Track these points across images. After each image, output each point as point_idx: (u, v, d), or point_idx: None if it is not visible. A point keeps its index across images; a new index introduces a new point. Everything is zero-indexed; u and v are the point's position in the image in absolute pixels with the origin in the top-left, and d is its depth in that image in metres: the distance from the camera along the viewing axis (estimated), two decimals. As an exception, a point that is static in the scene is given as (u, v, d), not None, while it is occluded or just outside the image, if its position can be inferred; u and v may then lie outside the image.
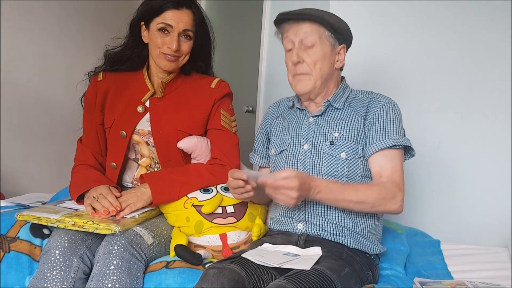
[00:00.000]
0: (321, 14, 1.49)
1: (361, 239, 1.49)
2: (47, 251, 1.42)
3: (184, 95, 1.74)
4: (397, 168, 1.48)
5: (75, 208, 1.54)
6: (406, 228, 1.97)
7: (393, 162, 1.48)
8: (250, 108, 2.78)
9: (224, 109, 1.75)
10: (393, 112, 1.51)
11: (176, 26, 1.63)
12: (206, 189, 1.63)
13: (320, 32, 1.49)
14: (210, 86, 1.75)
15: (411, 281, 1.52)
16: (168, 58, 1.66)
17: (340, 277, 1.30)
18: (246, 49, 2.89)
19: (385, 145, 1.47)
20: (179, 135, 1.70)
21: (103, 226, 1.40)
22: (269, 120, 1.72)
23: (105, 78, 1.76)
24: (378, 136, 1.49)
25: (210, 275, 1.25)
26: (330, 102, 1.56)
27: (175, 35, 1.63)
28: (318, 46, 1.49)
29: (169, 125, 1.70)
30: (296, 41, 1.51)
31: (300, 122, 1.60)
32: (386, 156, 1.48)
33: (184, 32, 1.65)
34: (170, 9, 1.63)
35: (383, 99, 1.54)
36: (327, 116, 1.57)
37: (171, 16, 1.62)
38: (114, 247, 1.39)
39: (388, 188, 1.43)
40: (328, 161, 1.50)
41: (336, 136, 1.52)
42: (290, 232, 1.52)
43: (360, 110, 1.54)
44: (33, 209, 1.51)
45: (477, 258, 1.85)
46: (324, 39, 1.50)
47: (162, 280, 1.42)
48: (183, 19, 1.63)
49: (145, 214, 1.57)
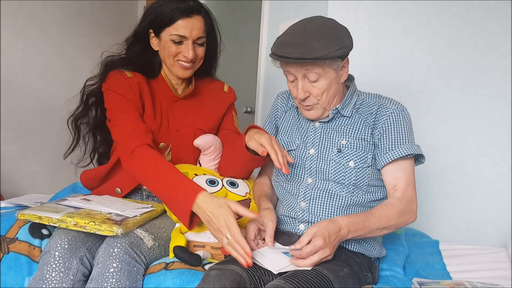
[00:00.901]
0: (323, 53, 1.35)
1: (362, 242, 1.50)
2: (47, 252, 1.41)
3: (199, 96, 1.78)
4: (410, 178, 1.48)
5: (77, 206, 1.53)
6: (405, 228, 1.97)
7: (407, 173, 1.47)
8: (249, 109, 2.78)
9: (234, 112, 1.83)
10: (403, 119, 1.48)
11: (190, 35, 1.61)
12: (212, 181, 1.63)
13: (323, 66, 1.40)
14: (223, 90, 1.82)
15: (410, 282, 1.53)
16: (184, 66, 1.66)
17: (338, 277, 1.30)
18: (245, 50, 2.89)
19: (397, 156, 1.45)
20: (197, 133, 1.73)
21: (105, 227, 1.39)
22: (278, 113, 1.69)
23: (135, 76, 1.68)
24: (390, 146, 1.46)
25: (212, 276, 1.25)
26: (338, 109, 1.52)
27: (189, 43, 1.62)
28: (323, 78, 1.42)
29: (188, 124, 1.73)
30: (299, 76, 1.44)
31: (306, 125, 1.58)
32: (399, 167, 1.47)
33: (198, 39, 1.64)
34: (181, 18, 1.60)
35: (392, 105, 1.49)
36: (335, 123, 1.54)
37: (183, 25, 1.60)
38: (115, 250, 1.39)
39: (404, 204, 1.43)
40: (336, 168, 1.48)
41: (344, 144, 1.49)
42: (292, 232, 1.52)
43: (368, 118, 1.50)
44: (34, 208, 1.49)
45: (476, 258, 1.85)
46: (327, 68, 1.41)
47: (161, 281, 1.41)
48: (195, 26, 1.61)
49: (147, 215, 1.56)
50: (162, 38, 1.65)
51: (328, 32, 1.39)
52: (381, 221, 1.39)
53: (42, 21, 3.02)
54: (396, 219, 1.41)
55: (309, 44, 1.36)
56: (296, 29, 1.42)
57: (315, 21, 1.43)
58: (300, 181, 1.53)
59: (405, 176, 1.47)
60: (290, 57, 1.37)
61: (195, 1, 1.64)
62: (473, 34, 2.11)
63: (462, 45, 2.12)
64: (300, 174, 1.54)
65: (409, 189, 1.46)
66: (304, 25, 1.42)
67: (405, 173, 1.47)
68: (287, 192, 1.57)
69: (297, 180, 1.54)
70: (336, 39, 1.39)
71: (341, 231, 1.33)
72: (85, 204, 1.55)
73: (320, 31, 1.39)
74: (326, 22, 1.43)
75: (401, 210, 1.42)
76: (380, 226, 1.39)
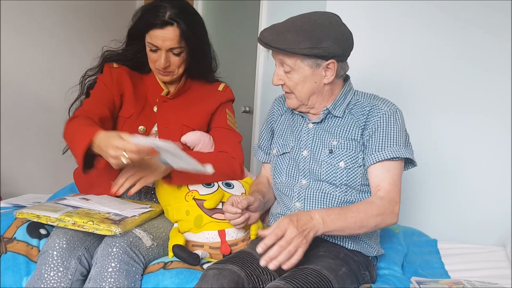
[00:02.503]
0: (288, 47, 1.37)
1: (360, 242, 1.50)
2: (45, 251, 1.41)
3: (192, 95, 1.80)
4: (395, 180, 1.44)
5: (76, 205, 1.53)
6: (403, 227, 1.98)
7: (391, 173, 1.44)
8: (247, 109, 2.78)
9: (229, 110, 1.82)
10: (394, 121, 1.45)
11: (162, 45, 1.63)
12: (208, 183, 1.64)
13: (294, 60, 1.41)
14: (217, 89, 1.82)
15: (409, 281, 1.53)
16: (160, 73, 1.71)
17: (337, 276, 1.30)
18: (243, 49, 2.89)
19: (383, 157, 1.43)
20: (183, 130, 1.74)
21: (104, 226, 1.39)
22: (274, 117, 1.70)
23: (120, 67, 1.76)
24: (377, 147, 1.44)
25: (210, 276, 1.25)
26: (329, 110, 1.51)
27: (162, 53, 1.65)
28: (295, 72, 1.44)
29: (174, 121, 1.74)
30: (277, 63, 1.48)
31: (300, 127, 1.58)
32: (384, 168, 1.44)
33: (170, 50, 1.65)
34: (154, 28, 1.62)
35: (384, 107, 1.47)
36: (326, 124, 1.53)
37: (157, 36, 1.62)
38: (113, 249, 1.39)
39: (386, 204, 1.39)
40: (327, 169, 1.48)
41: (335, 145, 1.49)
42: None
43: (360, 118, 1.49)
44: (32, 207, 1.49)
45: (474, 257, 1.85)
46: (300, 63, 1.42)
47: (159, 281, 1.42)
48: (168, 37, 1.62)
49: (145, 215, 1.57)
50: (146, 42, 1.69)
51: (311, 29, 1.38)
52: (359, 217, 1.34)
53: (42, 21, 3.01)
54: (375, 217, 1.36)
55: (283, 34, 1.39)
56: (289, 19, 1.45)
57: (312, 17, 1.42)
58: (294, 183, 1.54)
59: (389, 176, 1.43)
60: (261, 40, 1.43)
61: (172, 10, 1.62)
62: (473, 34, 2.11)
63: (462, 45, 2.12)
64: (294, 176, 1.54)
65: (393, 190, 1.42)
66: (300, 17, 1.43)
67: (389, 173, 1.44)
68: (283, 194, 1.57)
69: (292, 182, 1.54)
70: (314, 38, 1.37)
71: (313, 220, 1.27)
72: (84, 203, 1.54)
73: (305, 26, 1.39)
74: (322, 19, 1.41)
75: (381, 209, 1.37)
76: (357, 221, 1.33)
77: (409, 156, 1.46)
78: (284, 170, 1.56)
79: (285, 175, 1.56)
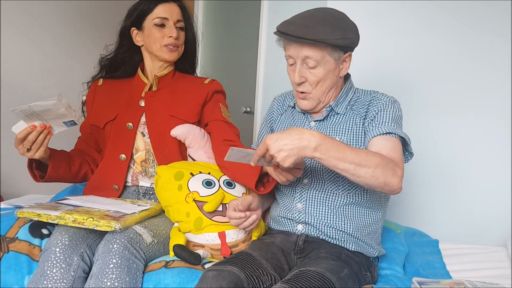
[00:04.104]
0: (324, 37, 1.37)
1: (361, 243, 1.49)
2: (48, 248, 1.42)
3: (178, 88, 1.82)
4: (396, 148, 1.41)
5: (76, 205, 1.54)
6: (405, 228, 1.97)
7: (393, 143, 1.42)
8: (248, 109, 2.78)
9: (222, 104, 1.83)
10: (393, 108, 1.48)
11: (171, 17, 1.74)
12: (208, 183, 1.63)
13: (322, 53, 1.40)
14: (203, 82, 1.84)
15: (410, 281, 1.52)
16: (170, 49, 1.75)
17: (339, 278, 1.30)
18: (244, 50, 2.89)
19: (382, 131, 1.42)
20: (172, 121, 1.74)
21: (103, 223, 1.40)
22: (274, 116, 1.69)
23: (105, 83, 1.86)
24: (377, 125, 1.44)
25: (209, 277, 1.25)
26: (332, 107, 1.52)
27: (172, 24, 1.74)
28: (322, 66, 1.42)
29: (162, 113, 1.75)
30: (298, 60, 1.44)
31: (302, 125, 1.57)
32: (385, 139, 1.42)
33: (178, 22, 1.75)
34: (160, 3, 1.74)
35: (384, 97, 1.50)
36: (329, 121, 1.53)
37: (163, 9, 1.74)
38: (114, 246, 1.39)
39: (389, 160, 1.35)
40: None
41: None
42: (290, 232, 1.52)
43: (361, 111, 1.50)
44: (33, 206, 1.51)
45: (476, 258, 1.85)
46: (328, 57, 1.42)
47: (161, 279, 1.42)
48: (174, 10, 1.76)
49: (145, 212, 1.57)
50: (145, 28, 1.75)
51: (335, 21, 1.41)
52: (359, 156, 1.27)
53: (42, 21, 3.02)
54: (375, 164, 1.28)
55: (313, 27, 1.37)
56: (305, 13, 1.44)
57: (327, 10, 1.45)
58: (295, 182, 1.53)
59: (390, 145, 1.40)
60: (291, 35, 1.38)
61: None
62: (473, 33, 2.11)
63: (461, 44, 2.12)
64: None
65: (395, 155, 1.38)
66: (315, 11, 1.44)
67: (390, 143, 1.41)
68: (284, 194, 1.57)
69: (293, 181, 1.52)
70: (341, 29, 1.40)
71: (303, 141, 1.23)
72: (84, 202, 1.56)
73: (329, 18, 1.40)
74: (336, 12, 1.45)
75: (384, 161, 1.31)
76: (355, 160, 1.26)
77: (404, 136, 1.45)
78: None
79: None
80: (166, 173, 1.64)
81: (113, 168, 1.76)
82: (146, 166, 1.76)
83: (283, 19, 1.46)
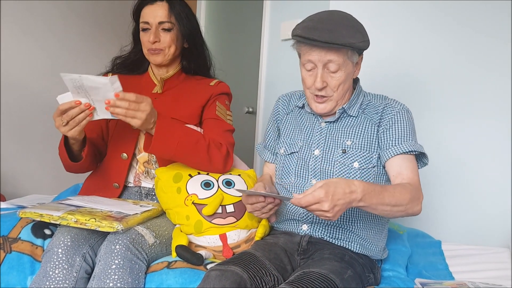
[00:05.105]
0: (350, 41, 1.37)
1: (366, 244, 1.49)
2: (50, 249, 1.42)
3: (183, 89, 1.80)
4: (415, 170, 1.44)
5: (78, 206, 1.54)
6: (408, 229, 1.97)
7: (412, 164, 1.45)
8: (251, 109, 2.78)
9: (220, 103, 1.80)
10: (407, 119, 1.48)
11: (153, 20, 1.71)
12: (207, 184, 1.62)
13: (344, 56, 1.41)
14: (209, 84, 1.81)
15: (412, 282, 1.52)
16: (151, 52, 1.73)
17: (343, 280, 1.30)
18: (247, 50, 2.89)
19: (402, 150, 1.43)
20: None
21: (106, 223, 1.40)
22: (280, 116, 1.68)
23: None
24: (395, 141, 1.45)
25: (212, 277, 1.25)
26: (345, 109, 1.51)
27: (153, 29, 1.71)
28: (342, 70, 1.42)
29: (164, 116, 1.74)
30: (319, 65, 1.42)
31: (312, 126, 1.56)
32: (404, 159, 1.44)
33: (160, 24, 1.71)
34: (145, 6, 1.72)
35: (397, 105, 1.50)
36: (341, 123, 1.52)
37: (147, 13, 1.72)
38: (116, 247, 1.39)
39: (415, 190, 1.38)
40: (340, 170, 1.47)
41: (349, 145, 1.48)
42: (294, 232, 1.52)
43: (374, 117, 1.50)
44: (35, 206, 1.51)
45: (478, 259, 1.85)
46: (347, 60, 1.42)
47: (163, 280, 1.42)
48: (158, 12, 1.71)
49: (147, 213, 1.57)
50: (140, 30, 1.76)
51: (353, 23, 1.42)
52: (394, 198, 1.31)
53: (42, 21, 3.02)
54: (407, 200, 1.33)
55: (337, 30, 1.37)
56: (322, 17, 1.43)
57: (340, 13, 1.45)
58: (304, 183, 1.52)
59: (410, 166, 1.44)
60: (319, 40, 1.36)
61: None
62: (474, 34, 2.11)
63: (466, 46, 2.12)
64: (303, 176, 1.53)
65: (415, 178, 1.42)
66: (329, 14, 1.44)
67: (410, 164, 1.44)
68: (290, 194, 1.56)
69: (301, 182, 1.53)
70: (359, 31, 1.42)
71: (353, 194, 1.23)
72: (86, 203, 1.56)
73: (347, 21, 1.41)
74: (348, 15, 1.46)
75: (412, 194, 1.35)
76: (392, 202, 1.30)
77: (424, 151, 1.47)
78: (293, 170, 1.55)
79: (294, 175, 1.54)
80: (165, 175, 1.64)
81: (114, 166, 1.75)
82: (149, 167, 1.76)
83: (286, 19, 1.46)
